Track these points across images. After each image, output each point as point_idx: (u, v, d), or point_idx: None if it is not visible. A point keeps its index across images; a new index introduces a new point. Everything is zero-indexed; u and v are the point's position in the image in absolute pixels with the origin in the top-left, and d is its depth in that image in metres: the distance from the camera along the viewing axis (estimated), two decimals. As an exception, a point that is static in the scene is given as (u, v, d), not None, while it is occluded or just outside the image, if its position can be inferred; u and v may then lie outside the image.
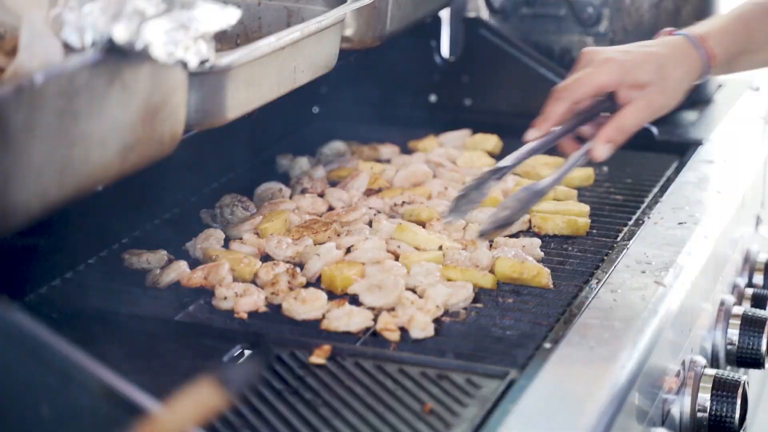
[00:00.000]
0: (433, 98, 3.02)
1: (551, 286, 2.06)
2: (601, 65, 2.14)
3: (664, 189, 2.50)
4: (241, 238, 2.21)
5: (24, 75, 1.39)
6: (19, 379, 1.33)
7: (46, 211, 1.43)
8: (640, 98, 2.12)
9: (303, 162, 2.64)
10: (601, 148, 2.12)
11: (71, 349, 1.32)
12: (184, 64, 1.56)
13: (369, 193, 2.47)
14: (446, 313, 1.96)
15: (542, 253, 2.18)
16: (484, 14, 3.01)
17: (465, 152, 2.69)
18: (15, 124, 1.35)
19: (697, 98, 3.04)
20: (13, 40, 1.57)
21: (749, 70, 2.33)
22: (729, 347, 2.31)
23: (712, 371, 2.10)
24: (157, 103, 1.60)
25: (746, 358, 2.31)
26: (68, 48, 1.49)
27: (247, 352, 1.84)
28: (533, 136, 2.13)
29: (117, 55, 1.49)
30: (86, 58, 1.46)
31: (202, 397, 1.28)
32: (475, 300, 2.01)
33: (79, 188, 1.49)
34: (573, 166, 2.15)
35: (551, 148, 2.20)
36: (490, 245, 2.20)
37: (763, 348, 2.31)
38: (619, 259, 2.13)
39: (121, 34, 1.48)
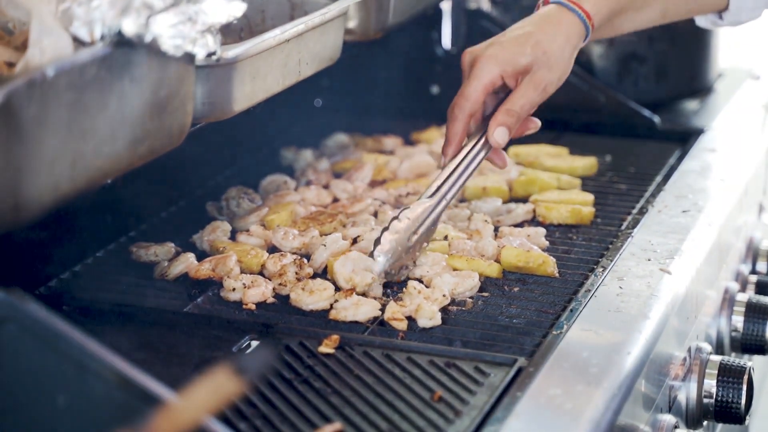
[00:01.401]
0: (435, 90, 3.03)
1: (557, 274, 2.07)
2: (477, 68, 2.12)
3: (667, 177, 2.52)
4: (247, 230, 2.22)
5: (34, 69, 1.40)
6: (35, 369, 1.34)
7: (58, 203, 1.44)
8: (524, 81, 2.12)
9: (307, 154, 2.65)
10: (495, 132, 2.11)
11: (86, 339, 1.33)
12: (192, 57, 1.57)
13: (373, 184, 2.48)
14: (453, 302, 1.97)
15: (547, 242, 2.19)
16: (486, 5, 3.02)
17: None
18: (27, 118, 1.35)
19: (699, 87, 3.06)
20: (23, 35, 1.58)
21: (635, 29, 2.26)
22: (734, 334, 2.33)
23: (717, 358, 2.11)
24: (165, 96, 1.61)
25: (751, 345, 2.33)
26: (78, 42, 1.50)
27: (255, 343, 1.85)
28: (444, 163, 2.12)
29: (126, 49, 1.50)
30: (96, 52, 1.47)
31: (215, 387, 1.29)
32: (482, 289, 2.02)
33: (90, 181, 1.50)
34: (476, 160, 2.12)
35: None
36: (496, 235, 2.21)
37: (768, 334, 2.33)
38: (624, 248, 2.14)
39: (129, 27, 1.49)
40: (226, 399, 1.29)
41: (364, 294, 1.98)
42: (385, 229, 2.02)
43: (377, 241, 2.01)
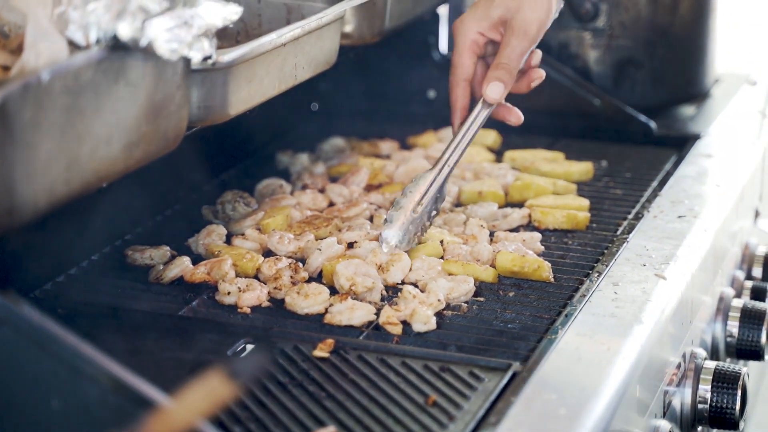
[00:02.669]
0: (431, 94, 3.03)
1: (552, 279, 2.07)
2: (456, 34, 2.19)
3: (663, 183, 2.52)
4: (243, 234, 2.22)
5: (30, 73, 1.40)
6: (30, 372, 1.34)
7: (52, 207, 1.44)
8: (506, 31, 2.15)
9: (303, 158, 2.65)
10: (489, 87, 2.15)
11: (80, 342, 1.33)
12: (187, 61, 1.58)
13: (369, 188, 2.48)
14: (448, 306, 1.97)
15: (543, 247, 2.20)
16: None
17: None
18: (22, 121, 1.36)
19: (695, 92, 3.06)
20: (19, 38, 1.58)
21: None
22: (729, 339, 2.33)
23: (712, 363, 2.12)
24: (160, 100, 1.61)
25: (746, 350, 2.33)
26: (73, 46, 1.50)
27: (250, 347, 1.85)
28: (455, 130, 2.19)
29: (121, 53, 1.51)
30: (91, 56, 1.47)
31: (209, 390, 1.30)
32: (477, 294, 2.02)
33: (85, 184, 1.50)
34: (477, 120, 2.17)
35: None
36: (491, 239, 2.21)
37: (763, 340, 2.33)
38: (619, 253, 2.14)
39: (125, 31, 1.49)
40: (220, 403, 1.29)
41: (363, 298, 1.98)
42: (393, 204, 2.10)
43: (385, 220, 2.09)
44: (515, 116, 2.21)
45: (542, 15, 2.15)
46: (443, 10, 3.02)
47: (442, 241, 2.17)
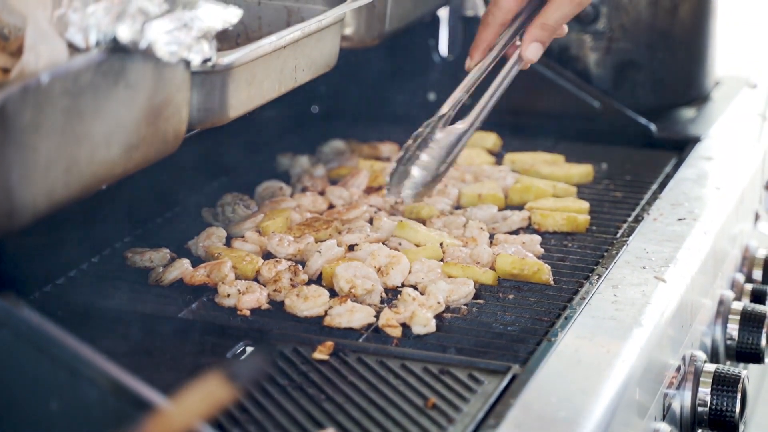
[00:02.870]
0: (431, 96, 3.03)
1: (552, 282, 2.07)
2: None
3: (663, 185, 2.52)
4: (242, 236, 2.23)
5: (29, 75, 1.40)
6: (29, 375, 1.34)
7: (52, 209, 1.44)
8: None
9: (303, 161, 2.65)
10: (528, 48, 2.12)
11: (79, 345, 1.33)
12: (187, 63, 1.58)
13: (369, 191, 2.48)
14: (448, 309, 1.97)
15: (542, 250, 2.20)
16: (482, 13, 3.01)
17: (464, 150, 2.70)
18: (21, 124, 1.36)
19: (696, 95, 3.06)
20: (18, 40, 1.59)
21: None
22: (729, 342, 2.33)
23: (712, 366, 2.11)
24: (160, 102, 1.61)
25: (746, 353, 2.33)
26: (73, 48, 1.50)
27: (249, 349, 1.85)
28: (470, 65, 2.15)
29: (121, 55, 1.51)
30: (91, 58, 1.47)
31: (208, 393, 1.30)
32: (476, 296, 2.02)
33: (85, 187, 1.50)
34: (508, 77, 2.14)
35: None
36: (491, 242, 2.21)
37: (763, 343, 2.32)
38: (619, 255, 2.14)
39: (124, 33, 1.49)
40: (219, 405, 1.29)
41: (363, 300, 1.98)
42: (415, 158, 2.02)
43: (401, 166, 2.01)
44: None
45: None
46: (443, 13, 3.02)
47: (441, 244, 2.17)
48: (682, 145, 2.77)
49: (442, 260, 2.13)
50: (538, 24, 2.11)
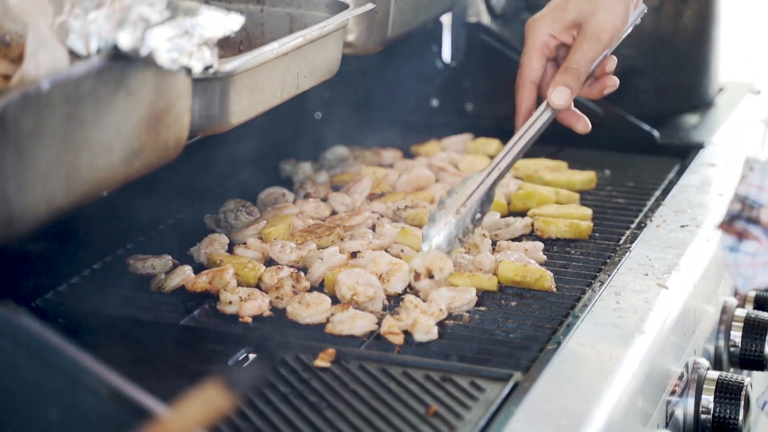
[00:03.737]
0: (435, 103, 3.03)
1: (554, 289, 2.06)
2: (527, 35, 2.14)
3: (666, 192, 2.52)
4: (245, 243, 2.22)
5: (30, 82, 1.40)
6: (28, 382, 1.34)
7: (52, 216, 1.44)
8: (578, 35, 2.11)
9: (306, 167, 2.65)
10: (554, 93, 2.11)
11: (79, 352, 1.33)
12: (188, 71, 1.57)
13: (372, 197, 2.48)
14: (450, 316, 1.97)
15: (545, 257, 2.19)
16: (485, 19, 3.02)
17: (467, 156, 2.70)
18: (22, 131, 1.36)
19: (699, 102, 3.06)
20: (19, 47, 1.58)
21: None
22: (732, 349, 2.32)
23: (715, 373, 2.11)
24: (161, 109, 1.61)
25: (749, 360, 2.32)
26: (74, 55, 1.50)
27: (251, 356, 1.84)
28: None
29: (122, 62, 1.50)
30: (91, 65, 1.47)
31: (209, 400, 1.29)
32: (479, 303, 2.02)
33: (86, 194, 1.50)
34: (537, 122, 2.13)
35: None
36: (493, 248, 2.21)
37: (766, 350, 2.32)
38: (621, 262, 2.14)
39: (125, 40, 1.49)
40: (219, 413, 1.29)
41: (365, 307, 1.98)
42: (438, 204, 2.05)
43: (430, 218, 2.04)
44: (582, 124, 2.16)
45: (617, 21, 2.11)
46: (446, 19, 3.02)
47: (444, 251, 2.17)
48: (685, 152, 2.77)
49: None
50: (563, 69, 2.11)
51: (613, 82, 2.16)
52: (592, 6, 2.09)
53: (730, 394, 2.08)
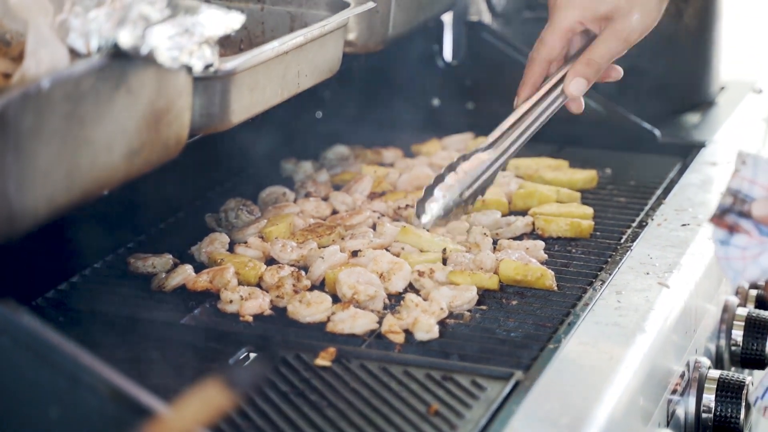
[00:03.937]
0: (435, 102, 3.02)
1: (555, 288, 2.06)
2: (555, 13, 2.12)
3: (667, 191, 2.51)
4: (245, 242, 2.22)
5: (30, 80, 1.40)
6: (28, 382, 1.33)
7: (53, 215, 1.44)
8: (607, 29, 2.09)
9: (307, 166, 2.65)
10: (572, 83, 2.10)
11: (79, 351, 1.33)
12: (189, 69, 1.57)
13: (372, 196, 2.48)
14: (451, 315, 1.97)
15: (546, 256, 2.19)
16: (487, 18, 3.01)
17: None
18: (22, 129, 1.35)
19: (700, 100, 3.05)
20: (20, 46, 1.58)
21: None
22: (733, 348, 2.32)
23: (716, 372, 2.11)
24: (162, 108, 1.61)
25: (751, 359, 2.32)
26: (74, 53, 1.50)
27: (252, 355, 1.84)
28: (517, 103, 2.14)
29: (122, 60, 1.50)
30: (92, 64, 1.47)
31: (209, 399, 1.29)
32: (480, 302, 2.02)
33: (86, 192, 1.50)
34: (549, 109, 2.13)
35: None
36: (494, 247, 2.21)
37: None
38: (622, 261, 2.14)
39: (126, 39, 1.49)
40: (220, 412, 1.28)
41: (365, 306, 1.97)
42: (440, 179, 2.01)
43: (429, 191, 2.00)
44: (576, 105, 2.15)
45: (649, 23, 2.10)
46: (447, 18, 3.02)
47: (445, 249, 2.17)
48: (686, 151, 2.76)
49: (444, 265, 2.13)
50: (584, 60, 2.10)
51: (617, 73, 2.16)
52: (629, 5, 2.08)
53: (731, 393, 2.08)
